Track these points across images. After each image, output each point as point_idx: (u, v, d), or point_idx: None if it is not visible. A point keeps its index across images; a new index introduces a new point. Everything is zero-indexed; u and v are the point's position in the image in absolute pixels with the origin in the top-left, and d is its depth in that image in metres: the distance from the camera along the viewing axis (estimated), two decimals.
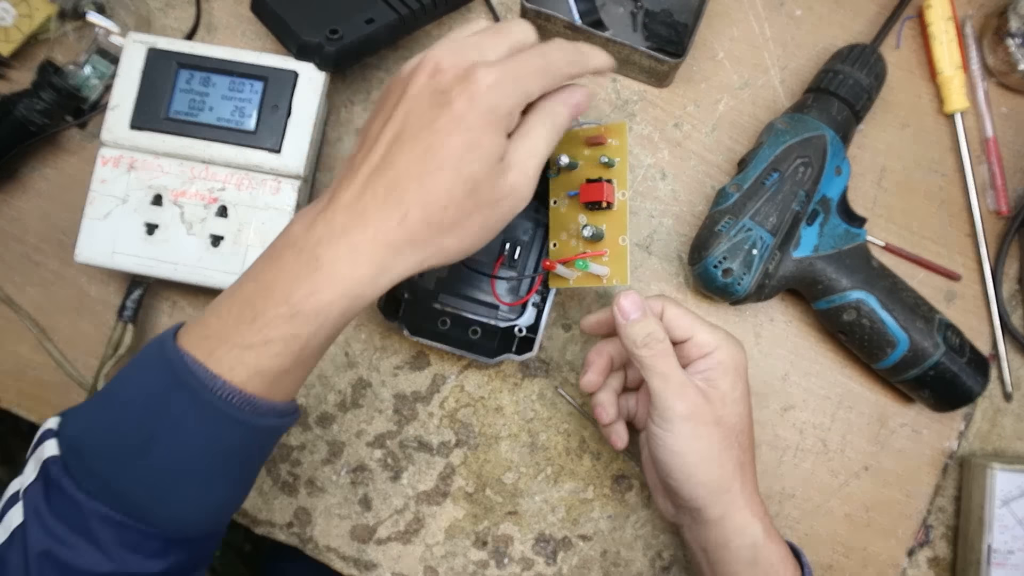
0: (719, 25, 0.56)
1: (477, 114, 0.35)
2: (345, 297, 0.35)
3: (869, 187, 0.55)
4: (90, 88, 0.53)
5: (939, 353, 0.49)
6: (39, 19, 0.53)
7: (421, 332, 0.50)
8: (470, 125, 0.35)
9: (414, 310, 0.51)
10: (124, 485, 0.34)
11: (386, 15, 0.51)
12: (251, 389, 0.34)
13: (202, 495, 0.36)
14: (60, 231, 0.54)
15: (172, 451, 0.34)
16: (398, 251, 0.35)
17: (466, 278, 0.52)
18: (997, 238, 0.55)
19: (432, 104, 0.36)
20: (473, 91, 0.35)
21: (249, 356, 0.34)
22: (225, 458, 0.35)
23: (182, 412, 0.34)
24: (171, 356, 0.34)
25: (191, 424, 0.34)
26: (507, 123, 0.37)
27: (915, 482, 0.54)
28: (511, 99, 0.36)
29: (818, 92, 0.52)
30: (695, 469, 0.41)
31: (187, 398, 0.34)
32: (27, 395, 0.53)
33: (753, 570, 0.42)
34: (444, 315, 0.51)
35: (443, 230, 0.36)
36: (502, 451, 0.53)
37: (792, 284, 0.51)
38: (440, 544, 0.52)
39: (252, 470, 0.38)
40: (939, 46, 0.55)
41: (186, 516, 0.36)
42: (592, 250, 0.46)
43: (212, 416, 0.34)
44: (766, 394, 0.54)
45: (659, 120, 0.56)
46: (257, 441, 0.36)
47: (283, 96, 0.49)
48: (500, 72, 0.36)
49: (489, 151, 0.36)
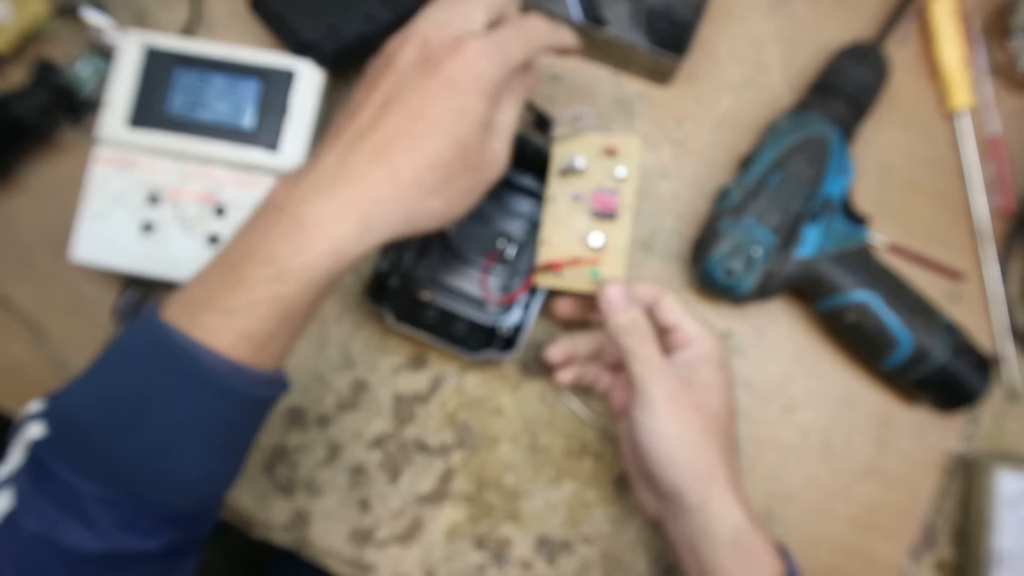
0: (721, 23, 0.56)
1: (468, 80, 0.36)
2: (329, 254, 0.35)
3: (872, 186, 0.55)
4: (86, 86, 0.53)
5: (943, 354, 0.48)
6: (34, 16, 0.52)
7: (405, 319, 0.50)
8: (462, 90, 0.37)
9: (401, 298, 0.51)
10: (117, 460, 0.34)
11: (384, 12, 0.50)
12: (237, 355, 0.34)
13: (194, 468, 0.35)
14: (55, 230, 0.53)
15: (163, 423, 0.34)
16: (385, 210, 0.36)
17: (456, 272, 0.52)
18: (1002, 237, 0.55)
19: (422, 72, 0.37)
20: (463, 59, 0.37)
21: (235, 321, 0.34)
22: (214, 429, 0.35)
23: (169, 383, 0.33)
24: (155, 328, 0.34)
25: (179, 394, 0.34)
26: (494, 91, 0.38)
27: (919, 484, 0.53)
28: (499, 68, 0.38)
29: (821, 91, 0.51)
30: (676, 452, 0.41)
31: (173, 368, 0.33)
32: (22, 395, 0.53)
33: (737, 557, 0.41)
34: (431, 307, 0.51)
35: (431, 191, 0.37)
36: (502, 452, 0.53)
37: (794, 284, 0.50)
38: (439, 546, 0.52)
39: (243, 442, 0.38)
40: (943, 44, 0.55)
41: (180, 489, 0.35)
42: (592, 255, 0.46)
43: (199, 385, 0.33)
44: (768, 395, 0.53)
45: (660, 118, 0.55)
46: (245, 410, 0.36)
47: (281, 94, 0.49)
48: (488, 42, 0.37)
49: (478, 116, 0.37)
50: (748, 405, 0.53)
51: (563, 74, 0.55)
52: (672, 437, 0.41)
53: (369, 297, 0.49)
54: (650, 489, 0.46)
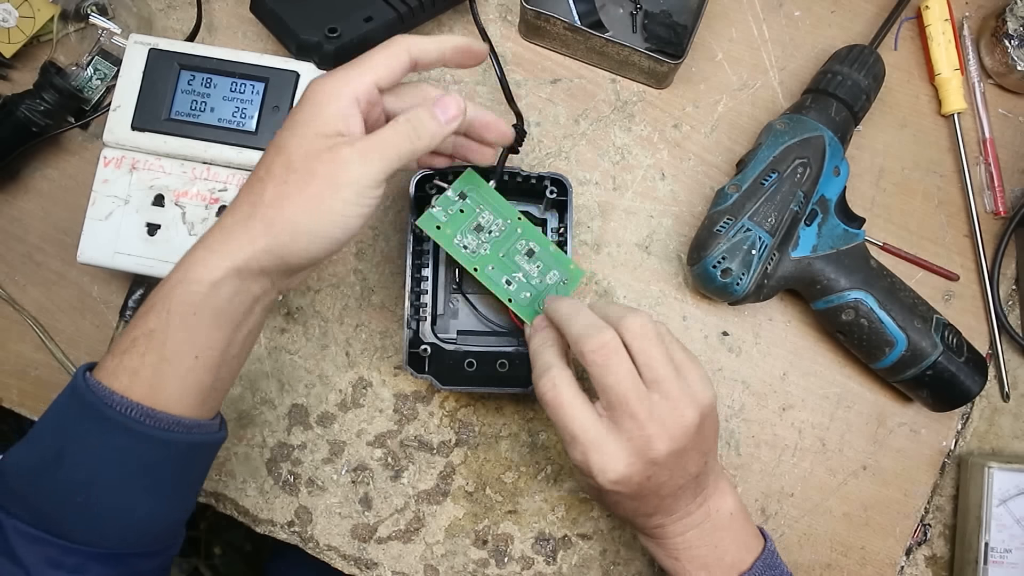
0: (718, 26, 0.57)
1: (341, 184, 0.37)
2: (177, 282, 0.36)
3: (867, 187, 0.56)
4: (92, 89, 0.54)
5: (937, 353, 0.49)
6: (41, 20, 0.53)
7: (451, 381, 0.49)
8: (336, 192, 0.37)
9: (439, 360, 0.50)
10: (40, 500, 0.36)
11: (384, 13, 0.51)
12: (135, 396, 0.35)
13: (114, 508, 0.36)
14: (62, 231, 0.54)
15: (79, 464, 0.36)
16: (228, 232, 0.37)
17: (479, 315, 0.52)
18: (995, 238, 0.55)
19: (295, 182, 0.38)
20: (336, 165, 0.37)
21: (126, 360, 0.36)
22: (125, 469, 0.36)
23: (81, 426, 0.36)
24: (75, 376, 0.36)
25: (88, 437, 0.36)
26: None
27: (913, 481, 0.54)
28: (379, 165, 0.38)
29: (817, 93, 0.52)
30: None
31: (83, 412, 0.36)
32: (29, 395, 0.53)
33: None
34: (468, 356, 0.50)
35: (270, 202, 0.37)
36: (502, 450, 0.53)
37: (791, 284, 0.51)
38: (440, 543, 0.52)
39: (164, 482, 0.38)
40: (937, 47, 0.55)
41: (102, 529, 0.36)
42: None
43: (106, 426, 0.35)
44: (765, 394, 0.54)
45: (658, 121, 0.56)
46: (157, 451, 0.37)
47: (284, 97, 0.49)
48: (364, 146, 0.38)
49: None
50: (744, 403, 0.54)
51: (562, 78, 0.56)
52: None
53: (414, 370, 0.49)
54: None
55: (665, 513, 0.42)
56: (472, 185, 0.47)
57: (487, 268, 0.47)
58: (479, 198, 0.47)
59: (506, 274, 0.47)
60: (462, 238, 0.47)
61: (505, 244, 0.47)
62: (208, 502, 0.53)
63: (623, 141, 0.56)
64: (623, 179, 0.55)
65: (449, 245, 0.46)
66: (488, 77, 0.56)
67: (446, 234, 0.46)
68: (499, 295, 0.47)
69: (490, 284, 0.47)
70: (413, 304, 0.49)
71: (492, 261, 0.47)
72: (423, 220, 0.46)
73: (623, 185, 0.55)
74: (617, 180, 0.55)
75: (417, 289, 0.50)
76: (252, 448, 0.53)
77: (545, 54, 0.56)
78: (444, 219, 0.46)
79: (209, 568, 1.09)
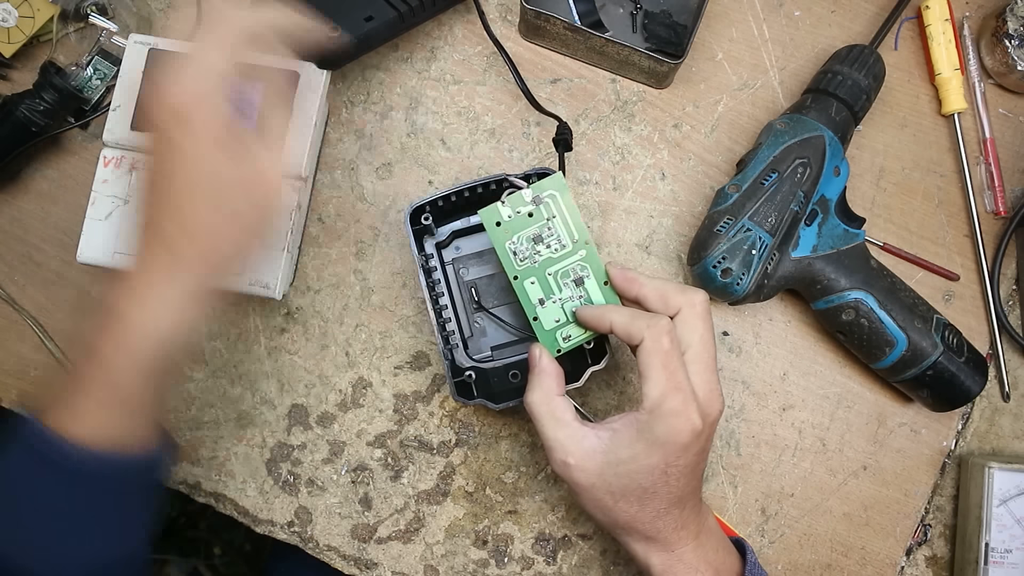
0: (718, 26, 0.57)
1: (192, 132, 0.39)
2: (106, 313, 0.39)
3: (868, 187, 0.56)
4: (92, 89, 0.54)
5: (937, 353, 0.49)
6: (41, 20, 0.53)
7: (502, 397, 0.48)
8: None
9: (484, 381, 0.48)
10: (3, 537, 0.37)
11: (385, 13, 0.51)
12: (73, 433, 0.37)
13: (71, 546, 0.37)
14: (62, 231, 0.54)
15: (34, 507, 0.37)
16: (141, 261, 0.39)
17: (510, 326, 0.51)
18: (995, 238, 0.55)
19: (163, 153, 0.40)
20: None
21: (68, 398, 0.38)
22: (74, 507, 0.37)
23: (28, 468, 0.37)
24: (25, 418, 0.38)
25: (37, 480, 0.37)
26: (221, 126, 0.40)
27: (913, 481, 0.54)
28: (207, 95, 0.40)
29: (817, 93, 0.52)
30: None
31: (30, 455, 0.37)
32: (29, 395, 0.53)
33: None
34: (511, 368, 0.48)
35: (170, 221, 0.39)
36: (502, 450, 0.53)
37: (791, 284, 0.51)
38: (440, 543, 0.52)
39: (114, 521, 0.39)
40: (937, 47, 0.55)
41: (62, 569, 0.37)
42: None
43: (47, 466, 0.37)
44: (765, 394, 0.54)
45: (658, 121, 0.56)
46: (103, 488, 0.38)
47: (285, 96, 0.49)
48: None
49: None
50: (745, 404, 0.54)
51: (562, 78, 0.56)
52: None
53: (465, 399, 0.47)
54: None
55: (679, 507, 0.42)
56: (554, 192, 0.44)
57: (527, 281, 0.44)
58: (555, 207, 0.44)
59: (543, 293, 0.44)
60: (516, 243, 0.44)
61: (558, 264, 0.44)
62: (208, 502, 0.53)
63: (623, 141, 0.56)
64: (623, 179, 0.55)
65: (500, 245, 0.44)
66: (488, 77, 0.56)
67: (503, 233, 0.44)
68: (526, 310, 0.44)
69: (522, 296, 0.44)
70: (443, 335, 0.47)
71: (536, 275, 0.44)
72: (486, 212, 0.44)
73: (623, 185, 0.55)
74: (617, 180, 0.55)
75: (441, 320, 0.48)
76: (252, 448, 0.53)
77: (545, 54, 0.56)
78: (507, 217, 0.44)
79: (209, 568, 1.09)
